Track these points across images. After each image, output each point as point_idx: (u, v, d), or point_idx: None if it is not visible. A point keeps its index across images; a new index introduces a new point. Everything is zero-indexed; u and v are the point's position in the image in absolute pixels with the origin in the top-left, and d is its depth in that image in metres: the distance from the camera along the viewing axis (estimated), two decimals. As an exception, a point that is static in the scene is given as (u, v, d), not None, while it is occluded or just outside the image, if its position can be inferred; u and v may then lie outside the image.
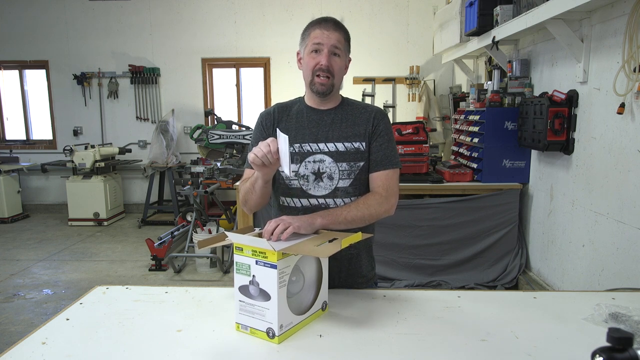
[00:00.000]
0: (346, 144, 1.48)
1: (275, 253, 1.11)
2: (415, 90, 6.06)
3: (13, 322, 3.23)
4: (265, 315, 1.14)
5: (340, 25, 1.48)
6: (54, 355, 1.10)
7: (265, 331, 1.15)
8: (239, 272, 1.18)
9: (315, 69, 1.44)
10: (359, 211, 1.40)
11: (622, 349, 0.70)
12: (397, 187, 1.51)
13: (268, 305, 1.13)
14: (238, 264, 1.17)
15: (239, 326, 1.20)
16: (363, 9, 6.04)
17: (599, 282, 2.61)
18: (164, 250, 4.19)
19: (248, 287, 1.16)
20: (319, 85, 1.45)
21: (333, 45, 1.43)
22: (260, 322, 1.15)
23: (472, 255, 3.62)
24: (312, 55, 1.45)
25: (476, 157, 3.72)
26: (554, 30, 2.70)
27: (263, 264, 1.13)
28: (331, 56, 1.44)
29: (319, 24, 1.46)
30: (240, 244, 1.16)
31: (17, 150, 6.61)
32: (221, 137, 5.40)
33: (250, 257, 1.15)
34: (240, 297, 1.18)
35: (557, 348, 1.12)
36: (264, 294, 1.14)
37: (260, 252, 1.13)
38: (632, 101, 2.28)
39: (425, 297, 1.43)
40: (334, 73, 1.45)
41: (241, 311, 1.18)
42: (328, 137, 1.49)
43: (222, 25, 6.22)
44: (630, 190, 2.32)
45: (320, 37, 1.43)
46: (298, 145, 1.49)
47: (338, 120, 1.51)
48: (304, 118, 1.52)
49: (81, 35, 6.33)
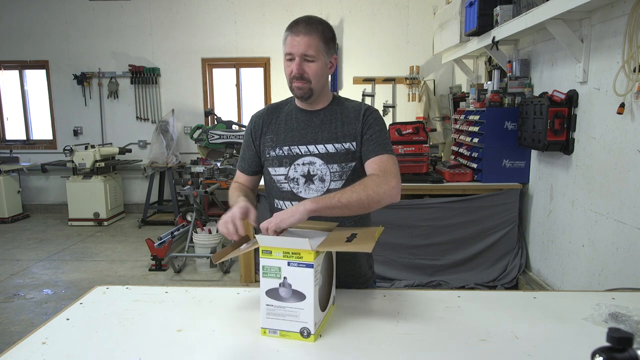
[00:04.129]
0: (336, 145, 1.46)
1: (312, 252, 1.10)
2: (415, 90, 6.06)
3: (13, 322, 3.23)
4: (299, 316, 1.14)
5: (313, 26, 1.40)
6: (54, 355, 1.10)
7: (299, 332, 1.14)
8: (266, 275, 1.15)
9: (291, 77, 1.44)
10: (355, 193, 1.30)
11: (622, 349, 0.70)
12: (396, 170, 1.41)
13: (302, 305, 1.13)
14: (265, 267, 1.15)
15: (265, 331, 1.17)
16: (363, 9, 6.04)
17: (598, 282, 2.61)
18: (164, 250, 4.19)
19: (278, 290, 1.15)
20: (296, 89, 1.44)
21: (303, 54, 1.39)
22: (292, 324, 1.15)
23: (472, 255, 3.62)
24: (287, 63, 1.44)
25: (476, 157, 3.72)
26: (554, 30, 2.70)
27: (297, 265, 1.12)
28: (303, 63, 1.40)
29: (291, 29, 1.42)
30: (270, 246, 1.14)
31: (17, 150, 6.61)
32: (221, 137, 5.40)
33: (282, 259, 1.13)
34: (268, 301, 1.16)
35: (557, 348, 1.12)
36: (297, 294, 1.13)
37: (294, 253, 1.12)
38: (632, 101, 2.28)
39: (425, 297, 1.43)
40: (309, 78, 1.42)
41: (269, 315, 1.16)
42: (317, 138, 1.47)
43: (222, 25, 6.22)
44: (630, 190, 2.32)
45: (290, 45, 1.40)
46: (287, 148, 1.48)
47: (327, 120, 1.49)
48: (293, 120, 1.51)
49: (81, 35, 6.33)
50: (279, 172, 1.50)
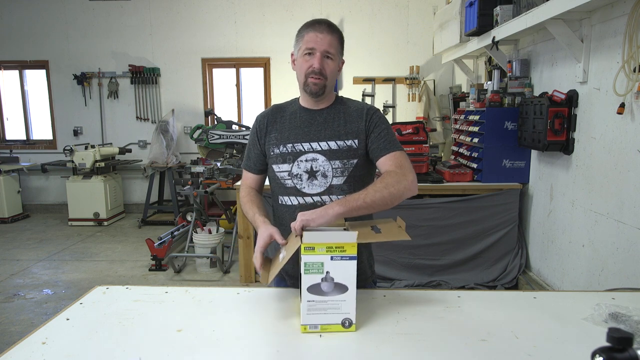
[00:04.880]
0: (339, 142, 1.50)
1: (355, 245, 1.16)
2: (415, 90, 6.06)
3: (13, 322, 3.23)
4: (340, 308, 1.19)
5: (334, 27, 1.49)
6: (54, 355, 1.10)
7: (341, 323, 1.19)
8: (308, 272, 1.17)
9: (308, 72, 1.47)
10: (379, 192, 1.34)
11: (622, 349, 0.70)
12: (410, 165, 1.46)
13: (344, 297, 1.18)
14: (308, 264, 1.17)
15: (306, 328, 1.19)
16: (363, 9, 6.04)
17: (599, 282, 2.61)
18: (164, 250, 4.19)
19: (319, 285, 1.18)
20: (312, 85, 1.47)
21: (325, 50, 1.45)
22: (334, 316, 1.19)
23: (472, 255, 3.62)
24: (305, 58, 1.47)
25: (476, 157, 3.72)
26: (554, 30, 2.70)
27: (340, 258, 1.17)
28: (324, 59, 1.46)
29: (313, 26, 1.47)
30: (314, 243, 1.17)
31: (17, 150, 6.61)
32: (221, 137, 5.40)
33: (325, 254, 1.17)
34: (310, 298, 1.18)
35: (557, 348, 1.12)
36: (339, 287, 1.18)
37: (337, 247, 1.16)
38: (632, 101, 2.28)
39: (425, 297, 1.43)
40: (326, 75, 1.47)
41: (310, 311, 1.19)
42: (320, 136, 1.51)
43: (222, 25, 6.22)
44: (630, 190, 2.32)
45: (314, 40, 1.45)
46: (290, 145, 1.52)
47: (330, 119, 1.53)
48: (297, 118, 1.55)
49: (81, 35, 6.33)
50: (283, 168, 1.52)
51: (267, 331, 1.22)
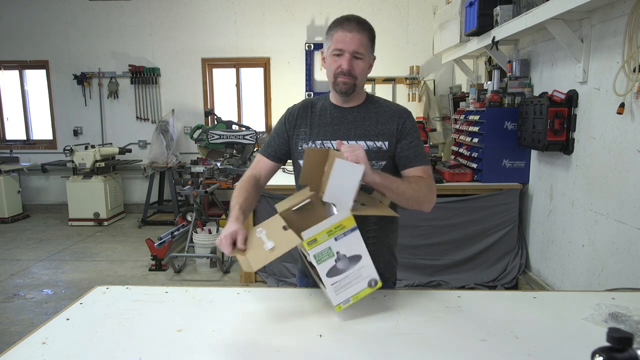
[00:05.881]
0: (368, 143, 1.49)
1: (350, 217, 1.21)
2: (415, 90, 6.06)
3: (13, 322, 3.23)
4: (362, 274, 1.23)
5: (364, 24, 1.46)
6: (54, 355, 1.10)
7: (368, 285, 1.24)
8: (320, 262, 1.21)
9: (337, 72, 1.45)
10: (411, 189, 1.39)
11: (622, 349, 0.70)
12: (434, 182, 1.50)
13: (362, 263, 1.23)
14: (317, 255, 1.20)
15: (340, 307, 1.23)
16: (363, 9, 6.03)
17: (598, 282, 2.61)
18: (164, 250, 4.19)
19: (335, 266, 1.22)
20: (341, 84, 1.46)
21: (354, 50, 1.43)
22: (359, 284, 1.23)
23: (472, 255, 3.62)
24: (334, 58, 1.46)
25: (476, 157, 3.72)
26: (554, 30, 2.70)
27: (343, 235, 1.21)
28: (353, 59, 1.44)
29: (342, 24, 1.44)
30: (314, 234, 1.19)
31: (17, 150, 6.61)
32: (221, 137, 5.40)
33: (327, 239, 1.20)
34: (332, 281, 1.22)
35: (557, 348, 1.12)
36: (354, 259, 1.23)
37: (336, 227, 1.20)
38: (631, 101, 2.28)
39: (425, 297, 1.43)
40: (356, 75, 1.45)
41: (337, 291, 1.22)
42: (350, 135, 1.50)
43: (222, 25, 6.22)
44: (630, 190, 2.32)
45: (342, 40, 1.42)
46: (319, 142, 1.51)
47: (361, 118, 1.52)
48: (327, 115, 1.54)
49: (81, 35, 6.33)
50: None
51: (267, 331, 1.22)
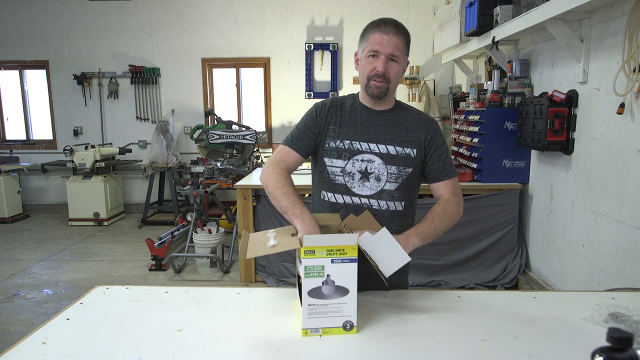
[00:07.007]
0: (397, 148, 1.49)
1: (355, 247, 1.16)
2: (415, 90, 6.06)
3: (13, 322, 3.23)
4: (342, 311, 1.18)
5: (401, 28, 1.46)
6: (54, 355, 1.10)
7: (342, 326, 1.19)
8: (309, 275, 1.16)
9: (371, 74, 1.44)
10: (443, 223, 1.44)
11: (622, 349, 0.70)
12: (460, 190, 1.56)
13: (345, 300, 1.17)
14: (308, 267, 1.15)
15: (307, 332, 1.18)
16: (363, 9, 6.04)
17: (598, 282, 2.61)
18: (164, 250, 4.19)
19: (320, 288, 1.17)
20: (374, 88, 1.45)
21: (391, 53, 1.42)
22: (335, 319, 1.18)
23: (472, 255, 3.62)
24: (369, 60, 1.45)
25: (476, 157, 3.72)
26: (554, 30, 2.70)
27: (340, 261, 1.16)
28: (388, 62, 1.43)
29: (379, 27, 1.44)
30: (314, 246, 1.15)
31: (17, 150, 6.60)
32: (221, 137, 5.39)
33: (325, 257, 1.16)
34: (311, 301, 1.17)
35: (557, 348, 1.12)
36: (340, 290, 1.17)
37: (338, 250, 1.15)
38: (632, 101, 2.28)
39: (425, 297, 1.43)
40: (390, 79, 1.45)
41: (311, 315, 1.17)
42: (380, 138, 1.49)
43: (222, 25, 6.22)
44: (630, 190, 2.32)
45: (379, 43, 1.42)
46: (348, 142, 1.50)
47: (391, 123, 1.52)
48: (357, 116, 1.53)
49: (81, 35, 6.33)
50: (336, 164, 1.50)
51: (267, 331, 1.22)
